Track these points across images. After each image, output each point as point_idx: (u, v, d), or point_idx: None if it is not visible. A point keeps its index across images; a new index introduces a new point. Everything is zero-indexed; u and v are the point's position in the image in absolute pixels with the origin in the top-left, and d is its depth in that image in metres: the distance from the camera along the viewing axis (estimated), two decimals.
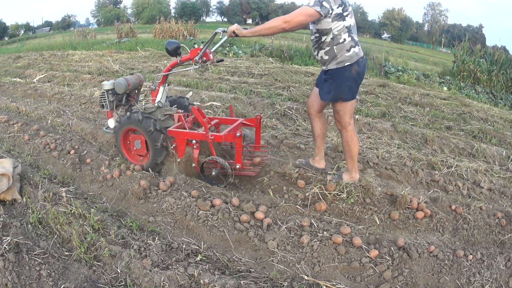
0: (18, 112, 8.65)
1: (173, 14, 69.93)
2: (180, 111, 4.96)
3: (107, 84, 5.10)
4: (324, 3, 3.72)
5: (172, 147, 4.79)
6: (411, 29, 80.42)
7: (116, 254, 3.35)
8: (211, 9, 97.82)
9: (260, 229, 3.74)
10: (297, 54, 14.66)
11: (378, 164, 5.16)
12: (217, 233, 3.75)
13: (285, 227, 3.68)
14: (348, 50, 3.95)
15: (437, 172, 5.22)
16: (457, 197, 4.59)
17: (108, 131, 5.51)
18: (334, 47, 3.96)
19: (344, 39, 3.92)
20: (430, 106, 8.38)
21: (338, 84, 4.08)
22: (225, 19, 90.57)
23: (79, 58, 16.21)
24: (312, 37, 4.17)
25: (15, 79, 12.84)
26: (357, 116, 6.92)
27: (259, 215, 3.86)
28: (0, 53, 26.31)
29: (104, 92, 5.15)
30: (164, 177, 4.73)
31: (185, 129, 4.69)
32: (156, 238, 3.63)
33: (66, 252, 3.57)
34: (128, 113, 4.86)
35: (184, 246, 3.57)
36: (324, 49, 4.03)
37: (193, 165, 4.73)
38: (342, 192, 4.16)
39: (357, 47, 3.99)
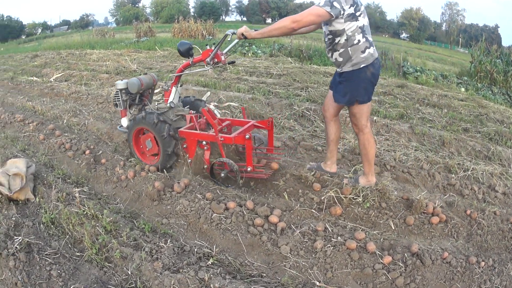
0: (34, 111, 8.82)
1: (192, 14, 70.49)
2: (192, 112, 5.07)
3: (121, 84, 5.26)
4: (335, 3, 3.68)
5: (183, 147, 4.93)
6: (429, 29, 79.98)
7: (127, 256, 3.40)
8: (230, 8, 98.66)
9: (273, 233, 3.75)
10: (316, 54, 14.60)
11: (395, 167, 5.14)
12: (230, 236, 3.77)
13: (299, 232, 3.69)
14: (363, 52, 3.92)
15: (453, 175, 5.18)
16: (473, 201, 4.55)
17: (121, 130, 5.63)
18: (349, 48, 3.92)
19: (359, 40, 3.89)
20: (447, 108, 8.31)
21: (354, 86, 4.06)
22: (245, 19, 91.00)
23: (97, 57, 16.44)
24: (326, 39, 4.15)
25: (32, 78, 13.08)
26: (375, 118, 6.90)
27: (273, 219, 3.87)
28: (17, 52, 26.91)
29: (118, 92, 5.32)
30: (178, 178, 4.78)
31: (196, 130, 4.78)
32: (169, 241, 3.67)
33: (78, 252, 3.64)
34: (143, 113, 4.95)
35: (196, 249, 3.60)
36: (339, 51, 3.99)
37: (204, 166, 4.83)
38: (358, 196, 4.15)
39: (371, 48, 3.97)
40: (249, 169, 4.49)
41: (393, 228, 3.92)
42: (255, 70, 11.80)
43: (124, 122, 5.48)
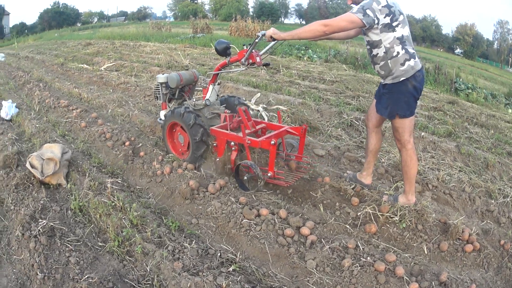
0: (79, 98, 9.16)
1: (251, 13, 71.23)
2: (228, 111, 5.17)
3: (161, 77, 5.64)
4: (368, 11, 3.69)
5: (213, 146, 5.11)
6: (482, 46, 77.82)
7: (149, 252, 3.45)
8: (289, 10, 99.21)
9: (302, 246, 3.71)
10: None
11: (437, 188, 5.02)
12: (257, 244, 3.75)
13: (329, 247, 3.63)
14: (403, 64, 3.88)
15: (493, 201, 5.01)
16: (508, 231, 4.38)
17: (160, 122, 5.82)
18: (388, 61, 3.91)
19: (398, 52, 3.86)
20: (494, 129, 8.09)
21: (395, 99, 4.01)
22: (303, 22, 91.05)
23: (150, 50, 16.90)
24: (367, 50, 4.16)
25: (82, 65, 13.60)
26: (422, 133, 6.80)
27: (305, 230, 3.83)
28: (71, 39, 28.02)
29: (158, 85, 5.73)
30: (215, 179, 4.82)
31: (227, 130, 4.91)
32: (194, 242, 3.71)
33: (100, 242, 3.74)
34: (182, 110, 5.10)
35: (220, 254, 3.62)
36: (379, 64, 4.01)
37: (229, 166, 4.99)
38: (395, 215, 4.05)
39: (412, 60, 3.90)
40: (269, 174, 4.54)
41: (426, 252, 3.80)
42: (309, 74, 11.84)
43: (162, 115, 5.75)
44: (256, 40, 4.62)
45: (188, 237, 3.84)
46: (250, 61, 4.80)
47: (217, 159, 5.06)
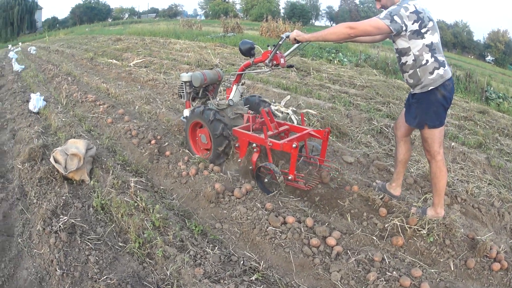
0: (107, 94, 9.22)
1: (282, 14, 71.28)
2: (251, 112, 5.29)
3: (185, 76, 5.74)
4: (395, 17, 3.64)
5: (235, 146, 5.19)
6: None
7: (170, 256, 3.41)
8: (320, 13, 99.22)
9: (327, 257, 3.62)
10: None
11: (466, 201, 4.91)
12: (282, 253, 3.68)
13: (355, 259, 3.54)
14: (431, 73, 3.80)
15: None
16: None
17: (184, 120, 5.98)
18: (417, 69, 3.84)
19: (427, 60, 3.79)
20: None
21: (424, 109, 3.93)
22: (334, 24, 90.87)
23: (180, 47, 16.98)
24: (396, 58, 4.12)
25: (111, 60, 13.75)
26: (452, 143, 6.66)
27: (331, 241, 3.74)
28: (101, 34, 28.38)
29: (182, 83, 5.81)
30: (241, 183, 4.77)
31: (249, 131, 4.97)
32: (216, 247, 3.65)
33: (120, 243, 3.71)
34: (202, 108, 5.20)
35: (243, 261, 3.55)
36: (408, 72, 3.94)
37: (250, 167, 5.03)
38: (423, 228, 3.94)
39: (441, 68, 3.81)
40: (290, 177, 4.53)
41: (452, 268, 3.68)
42: (339, 78, 11.76)
43: (186, 113, 5.86)
44: (280, 42, 4.70)
45: (211, 242, 3.77)
46: (274, 62, 4.85)
47: (239, 160, 5.13)
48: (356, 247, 3.81)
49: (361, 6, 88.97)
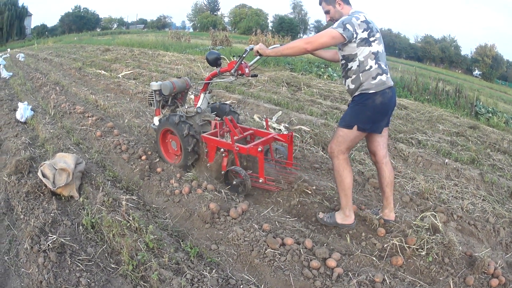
0: (95, 105, 9.09)
1: (270, 28, 72.02)
2: (218, 118, 5.56)
3: (155, 85, 5.97)
4: (348, 26, 3.79)
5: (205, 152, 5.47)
6: (501, 67, 78.02)
7: (166, 279, 3.28)
8: (308, 27, 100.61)
9: (328, 279, 3.53)
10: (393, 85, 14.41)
11: (462, 218, 4.92)
12: (282, 276, 3.57)
13: (356, 281, 3.46)
14: (374, 78, 3.93)
15: None
16: None
17: (153, 127, 6.19)
18: (360, 74, 3.96)
19: (371, 66, 3.92)
20: None
21: (358, 111, 4.02)
22: None
23: (169, 59, 16.90)
24: (340, 65, 4.22)
25: (100, 71, 13.62)
26: (446, 160, 6.72)
27: (331, 262, 3.67)
28: (90, 43, 28.29)
29: (152, 92, 6.03)
30: (236, 202, 4.67)
31: (217, 136, 5.27)
32: (214, 270, 3.53)
33: (113, 264, 3.58)
34: (167, 115, 5.54)
35: (242, 285, 3.44)
36: (351, 77, 4.04)
37: (222, 172, 5.22)
38: (422, 249, 3.92)
39: (384, 75, 3.97)
40: (260, 180, 4.83)
41: (452, 287, 3.64)
42: (330, 94, 11.82)
43: (156, 120, 6.09)
44: (244, 55, 5.01)
45: (208, 265, 3.65)
46: (239, 72, 5.13)
47: (208, 165, 5.41)
48: (356, 268, 3.75)
49: None
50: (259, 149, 4.69)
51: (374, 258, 3.89)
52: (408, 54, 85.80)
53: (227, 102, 6.51)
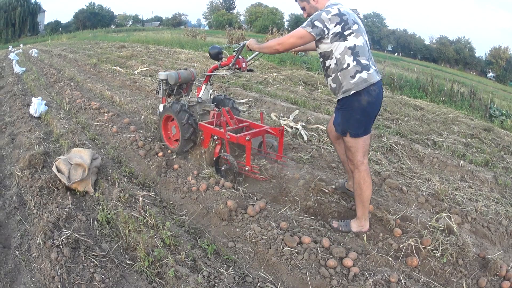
0: (111, 102, 9.11)
1: (286, 27, 71.91)
2: (217, 109, 5.99)
3: (162, 75, 6.35)
4: (316, 23, 3.71)
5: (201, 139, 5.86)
6: None
7: (182, 276, 3.26)
8: None
9: (344, 279, 3.51)
10: (407, 84, 14.24)
11: (476, 220, 4.89)
12: (299, 274, 3.55)
13: (372, 281, 3.44)
14: (353, 77, 3.76)
15: None
16: None
17: (159, 112, 6.58)
18: (338, 73, 3.83)
19: (348, 64, 3.76)
20: None
21: (346, 116, 3.92)
22: None
23: (185, 57, 16.89)
24: (320, 63, 4.11)
25: (115, 67, 13.66)
26: (461, 162, 6.67)
27: (348, 262, 3.66)
28: (105, 40, 28.43)
29: (160, 81, 6.39)
30: (254, 200, 4.64)
31: (212, 125, 5.65)
32: (231, 268, 3.52)
33: (128, 260, 3.57)
34: (170, 103, 5.96)
35: (259, 283, 3.42)
36: (331, 76, 3.93)
37: (214, 158, 5.47)
38: (437, 250, 3.90)
39: (364, 72, 3.76)
40: (246, 168, 5.09)
41: None
42: None
43: (161, 107, 6.43)
44: (239, 49, 5.33)
45: (224, 262, 3.64)
46: (237, 66, 5.45)
47: (202, 151, 5.79)
48: (372, 268, 3.74)
49: (365, 20, 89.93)
50: (247, 138, 4.99)
51: (390, 258, 3.88)
52: (423, 55, 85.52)
53: (235, 99, 6.90)
